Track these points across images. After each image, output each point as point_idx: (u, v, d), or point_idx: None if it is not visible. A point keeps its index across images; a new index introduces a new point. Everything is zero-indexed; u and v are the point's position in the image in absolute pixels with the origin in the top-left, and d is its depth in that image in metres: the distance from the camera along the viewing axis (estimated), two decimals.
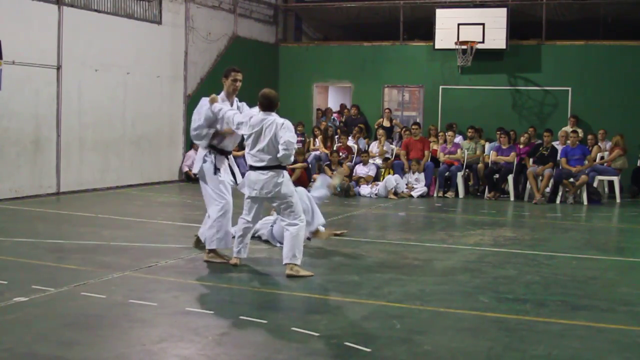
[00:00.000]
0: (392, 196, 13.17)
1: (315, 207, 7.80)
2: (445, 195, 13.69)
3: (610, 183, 13.54)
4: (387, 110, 17.08)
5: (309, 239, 7.81)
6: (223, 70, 7.19)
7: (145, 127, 14.09)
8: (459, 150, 14.15)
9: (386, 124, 16.66)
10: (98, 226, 9.13)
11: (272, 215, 8.31)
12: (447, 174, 13.89)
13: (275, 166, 6.54)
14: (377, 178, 14.09)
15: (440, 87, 16.93)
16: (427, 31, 16.77)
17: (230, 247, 6.90)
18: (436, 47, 16.41)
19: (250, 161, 6.60)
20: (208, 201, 6.99)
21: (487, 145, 14.75)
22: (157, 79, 14.33)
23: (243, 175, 6.87)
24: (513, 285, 6.33)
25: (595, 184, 13.15)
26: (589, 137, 14.26)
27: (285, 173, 6.66)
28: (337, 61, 17.96)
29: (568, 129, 14.82)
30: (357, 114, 17.12)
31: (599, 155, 13.91)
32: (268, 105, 6.59)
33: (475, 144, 14.33)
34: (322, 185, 8.23)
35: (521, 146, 13.97)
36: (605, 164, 13.52)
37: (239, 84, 7.02)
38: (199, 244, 7.40)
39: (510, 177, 13.44)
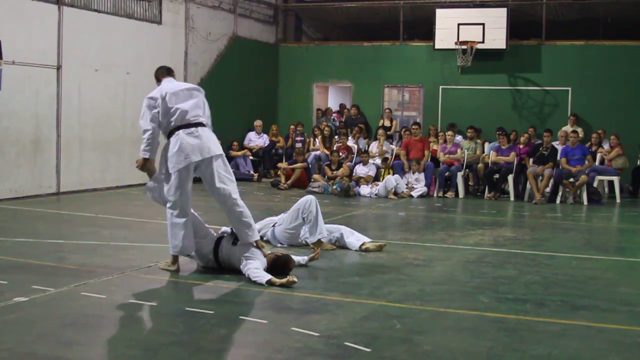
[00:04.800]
0: (392, 196, 13.16)
1: (319, 218, 7.73)
2: (445, 195, 13.69)
3: (610, 183, 13.54)
4: (387, 110, 17.09)
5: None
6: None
7: None
8: (459, 150, 14.15)
9: (387, 123, 16.68)
10: (98, 226, 9.13)
11: (274, 217, 8.30)
12: (447, 174, 13.89)
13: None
14: (377, 178, 14.09)
15: (440, 87, 16.94)
16: (427, 31, 16.78)
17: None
18: (436, 47, 16.42)
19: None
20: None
21: (487, 145, 14.77)
22: None
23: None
24: (513, 285, 6.32)
25: (595, 184, 13.16)
26: (594, 135, 14.29)
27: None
28: (337, 61, 17.96)
29: (568, 128, 14.83)
30: (357, 114, 17.13)
31: (599, 155, 13.94)
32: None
33: (475, 144, 14.33)
34: None
35: (521, 146, 13.98)
36: (605, 163, 13.58)
37: None
38: None
39: (510, 177, 13.44)
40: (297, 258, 6.80)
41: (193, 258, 6.82)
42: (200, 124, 6.51)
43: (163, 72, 6.80)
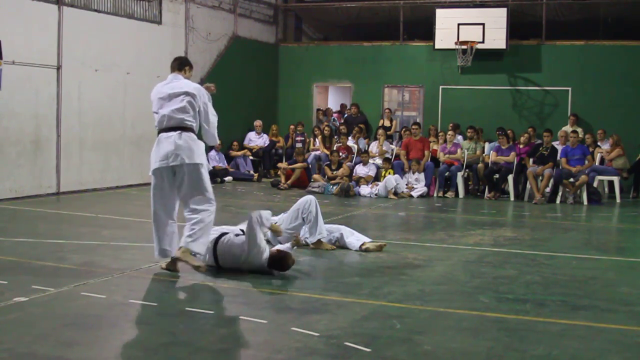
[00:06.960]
0: (392, 196, 13.17)
1: (319, 218, 7.73)
2: (445, 195, 13.69)
3: (610, 183, 13.54)
4: (387, 110, 17.09)
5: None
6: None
7: (145, 127, 14.05)
8: (459, 150, 14.15)
9: (387, 123, 16.69)
10: (98, 226, 9.13)
11: (275, 217, 8.29)
12: (447, 174, 13.89)
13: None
14: (377, 178, 14.09)
15: (440, 87, 16.94)
16: (427, 31, 16.78)
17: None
18: (436, 47, 16.42)
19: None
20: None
21: (487, 145, 14.77)
22: (157, 79, 14.07)
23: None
24: (513, 285, 6.32)
25: (595, 184, 13.15)
26: (587, 136, 14.28)
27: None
28: (337, 61, 17.96)
29: (568, 128, 14.83)
30: (357, 113, 17.13)
31: (599, 155, 13.93)
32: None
33: (475, 144, 14.33)
34: None
35: (521, 146, 13.97)
36: (605, 163, 13.58)
37: None
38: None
39: (510, 177, 13.44)
40: (283, 247, 6.83)
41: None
42: (184, 129, 6.34)
43: (173, 66, 6.71)
